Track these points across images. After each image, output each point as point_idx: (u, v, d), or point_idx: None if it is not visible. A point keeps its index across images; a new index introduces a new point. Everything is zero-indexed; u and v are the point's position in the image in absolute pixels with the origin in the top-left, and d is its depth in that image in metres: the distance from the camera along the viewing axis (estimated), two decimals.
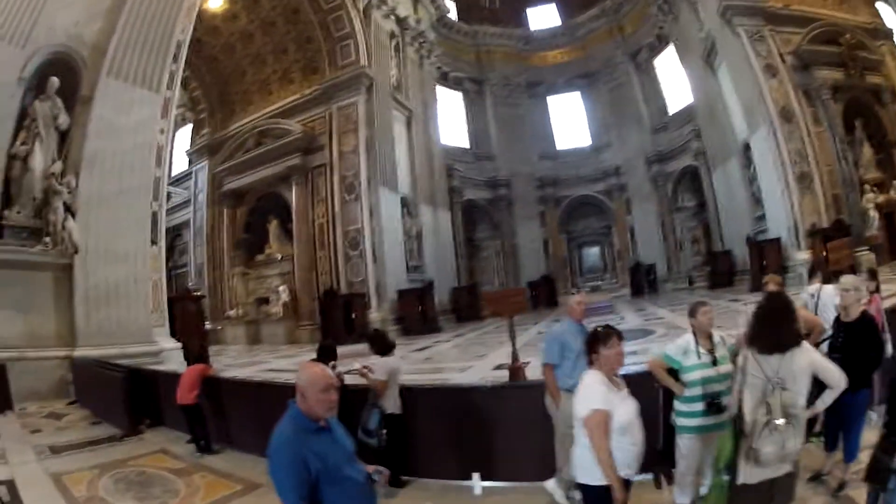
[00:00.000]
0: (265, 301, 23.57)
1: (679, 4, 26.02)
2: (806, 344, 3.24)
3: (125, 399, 8.53)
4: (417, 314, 22.57)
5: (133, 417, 8.46)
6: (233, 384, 8.41)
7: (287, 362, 15.26)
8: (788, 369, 3.07)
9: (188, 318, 13.95)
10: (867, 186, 19.90)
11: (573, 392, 3.32)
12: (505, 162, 34.55)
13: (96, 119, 11.82)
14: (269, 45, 24.02)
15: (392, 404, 5.46)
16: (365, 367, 5.62)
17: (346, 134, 22.73)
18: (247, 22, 23.54)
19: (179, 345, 12.76)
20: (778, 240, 19.68)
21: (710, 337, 3.98)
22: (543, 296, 32.50)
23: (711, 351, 3.93)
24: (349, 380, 5.77)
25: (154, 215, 12.60)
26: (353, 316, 20.85)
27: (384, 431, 5.22)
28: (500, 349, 13.66)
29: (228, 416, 7.50)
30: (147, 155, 12.34)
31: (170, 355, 12.27)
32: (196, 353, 9.19)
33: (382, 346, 5.79)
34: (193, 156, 26.16)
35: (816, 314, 5.69)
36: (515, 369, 7.53)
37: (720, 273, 25.32)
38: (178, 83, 13.25)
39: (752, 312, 3.33)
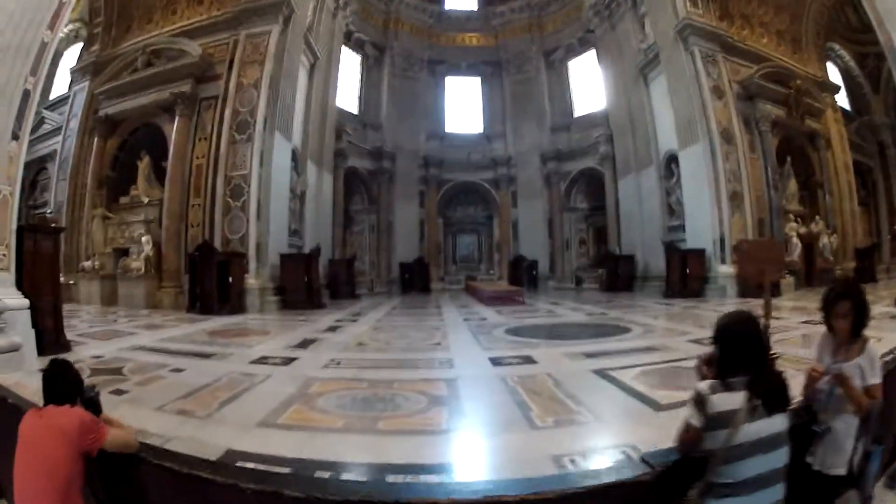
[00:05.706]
0: (125, 253, 19.37)
1: (623, 14, 26.07)
2: None
3: None
4: (302, 285, 19.28)
5: None
6: (173, 476, 3.05)
7: (156, 337, 11.11)
8: None
9: (41, 263, 9.12)
10: (790, 216, 21.77)
11: None
12: (391, 135, 32.65)
13: None
14: None
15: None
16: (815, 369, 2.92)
17: (251, 65, 19.24)
18: None
19: (27, 303, 8.03)
20: (703, 251, 20.11)
21: None
22: (417, 280, 31.16)
23: None
24: None
25: (26, 95, 8.17)
26: (230, 280, 16.82)
27: None
28: (454, 334, 11.49)
29: None
30: (45, 5, 8.21)
31: (12, 319, 7.60)
32: (69, 376, 3.26)
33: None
34: (76, 75, 21.39)
35: None
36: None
37: (620, 276, 25.38)
38: None
39: None
